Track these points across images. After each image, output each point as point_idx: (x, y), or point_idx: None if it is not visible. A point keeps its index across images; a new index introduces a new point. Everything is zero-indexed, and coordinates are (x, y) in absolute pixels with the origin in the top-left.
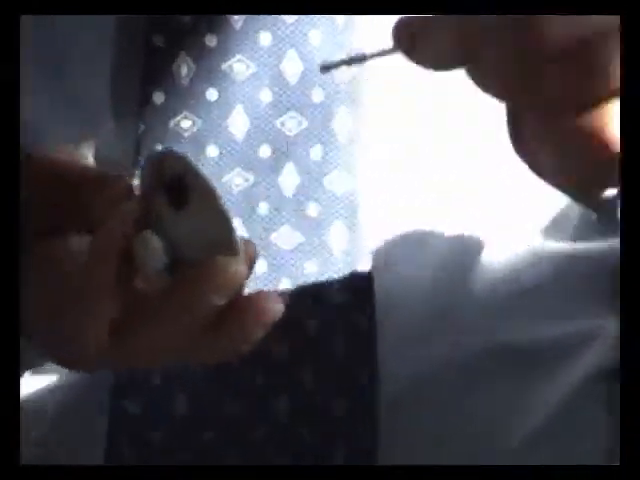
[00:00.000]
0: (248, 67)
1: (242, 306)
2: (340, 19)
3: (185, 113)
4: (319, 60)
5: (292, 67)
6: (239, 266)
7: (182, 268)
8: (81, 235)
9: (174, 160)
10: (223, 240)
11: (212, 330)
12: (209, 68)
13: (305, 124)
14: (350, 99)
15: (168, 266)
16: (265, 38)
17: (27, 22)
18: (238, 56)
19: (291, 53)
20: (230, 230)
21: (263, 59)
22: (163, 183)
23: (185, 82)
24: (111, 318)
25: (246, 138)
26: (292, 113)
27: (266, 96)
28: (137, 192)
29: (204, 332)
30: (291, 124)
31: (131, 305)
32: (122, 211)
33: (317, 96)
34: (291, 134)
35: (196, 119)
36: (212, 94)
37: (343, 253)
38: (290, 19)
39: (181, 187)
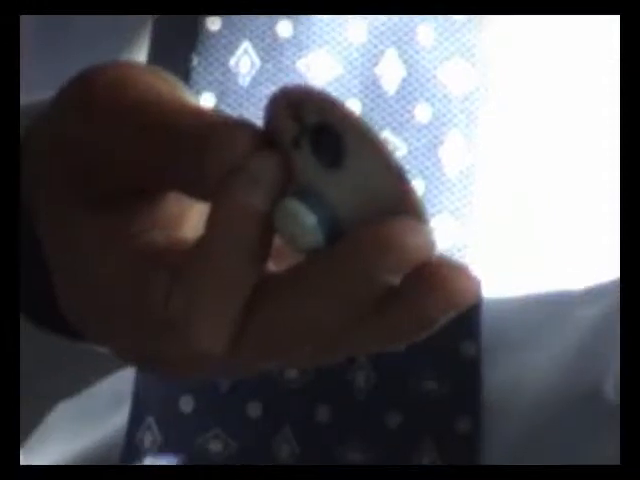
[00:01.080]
0: (332, 67)
1: (427, 282)
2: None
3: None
4: (429, 65)
5: (391, 72)
6: (423, 233)
7: (343, 239)
8: (180, 203)
9: (319, 103)
10: (398, 202)
11: (379, 314)
12: (278, 65)
13: (404, 150)
14: (466, 121)
15: (323, 242)
16: (357, 32)
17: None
18: (319, 52)
19: (390, 53)
20: (407, 188)
21: (352, 59)
22: (306, 134)
23: (245, 82)
24: (241, 310)
25: None
26: (386, 133)
27: (353, 107)
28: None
29: (368, 318)
30: None
31: (270, 289)
32: (255, 170)
33: (422, 114)
34: None
35: None
36: None
37: None
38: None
39: (334, 139)
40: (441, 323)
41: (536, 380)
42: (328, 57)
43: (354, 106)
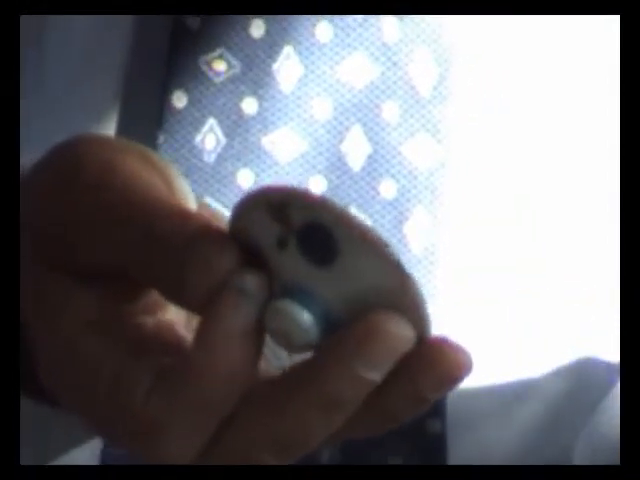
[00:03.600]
0: (297, 144)
1: (424, 359)
2: (423, 89)
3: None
4: (394, 141)
5: (356, 149)
6: (403, 325)
7: (332, 335)
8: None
9: (306, 203)
10: (395, 292)
11: (372, 402)
12: (244, 142)
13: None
14: (430, 197)
15: (318, 338)
16: (323, 109)
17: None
18: (284, 129)
19: (356, 130)
20: (405, 279)
21: (318, 135)
22: (292, 235)
23: (211, 158)
24: (219, 424)
25: None
26: (352, 210)
27: (319, 184)
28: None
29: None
30: None
31: (252, 400)
32: (243, 285)
33: (387, 190)
34: None
35: None
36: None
37: None
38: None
39: (324, 237)
40: (441, 393)
41: (503, 454)
42: (293, 134)
43: (319, 183)
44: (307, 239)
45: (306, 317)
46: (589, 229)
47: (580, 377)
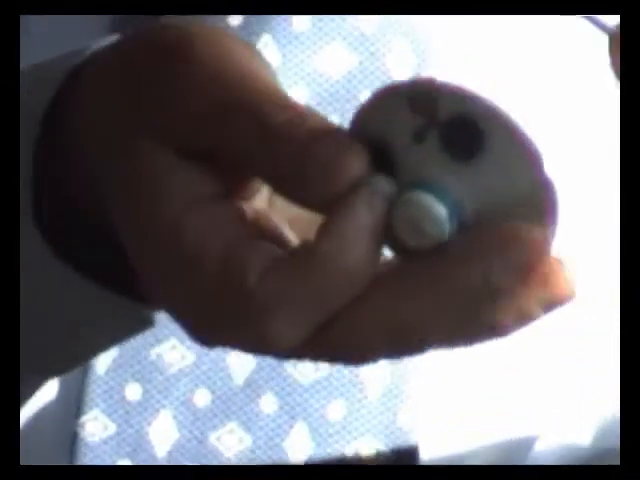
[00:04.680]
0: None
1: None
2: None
3: None
4: None
5: None
6: (540, 234)
7: (465, 233)
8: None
9: (458, 96)
10: (533, 195)
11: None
12: None
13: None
14: None
15: (448, 234)
16: (298, 97)
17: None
18: None
19: (333, 120)
20: (546, 181)
21: None
22: (434, 127)
23: None
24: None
25: None
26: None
27: None
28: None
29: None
30: None
31: (375, 288)
32: (374, 184)
33: None
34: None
35: None
36: None
37: None
38: None
39: (471, 132)
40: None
41: None
42: None
43: None
44: (451, 132)
45: (442, 210)
46: (588, 230)
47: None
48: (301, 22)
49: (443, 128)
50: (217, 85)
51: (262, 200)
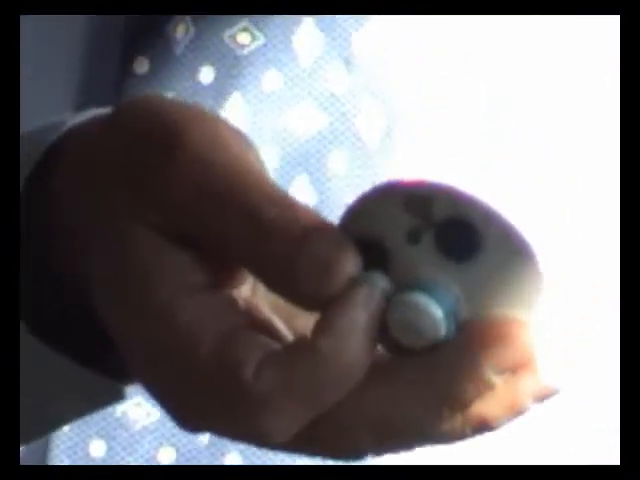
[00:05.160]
0: None
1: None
2: (369, 141)
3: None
4: (340, 192)
5: (302, 198)
6: (531, 332)
7: (461, 332)
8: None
9: (453, 198)
10: (529, 291)
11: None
12: None
13: None
14: None
15: (446, 334)
16: (270, 157)
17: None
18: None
19: (302, 179)
20: (541, 285)
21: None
22: (429, 228)
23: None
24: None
25: None
26: None
27: None
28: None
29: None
30: None
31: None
32: (371, 283)
33: None
34: None
35: None
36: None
37: None
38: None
39: (467, 233)
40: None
41: None
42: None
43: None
44: (447, 234)
45: (439, 311)
46: (589, 231)
47: None
48: (271, 81)
49: (438, 229)
50: (210, 174)
51: (246, 286)
